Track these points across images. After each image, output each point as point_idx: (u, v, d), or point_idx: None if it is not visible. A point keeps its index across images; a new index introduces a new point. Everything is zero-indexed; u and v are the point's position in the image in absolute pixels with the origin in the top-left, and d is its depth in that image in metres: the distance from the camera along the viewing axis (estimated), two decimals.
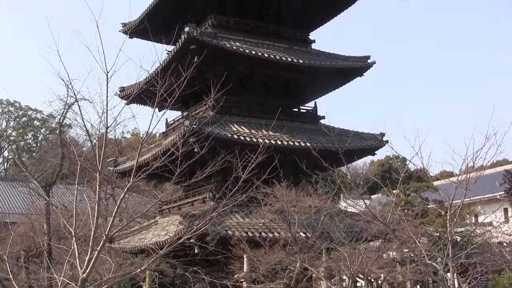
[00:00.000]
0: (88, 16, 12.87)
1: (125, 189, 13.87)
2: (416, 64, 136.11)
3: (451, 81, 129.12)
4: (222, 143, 24.09)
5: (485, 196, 36.89)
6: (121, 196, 14.01)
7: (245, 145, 23.89)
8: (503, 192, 39.87)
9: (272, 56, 29.12)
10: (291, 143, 27.83)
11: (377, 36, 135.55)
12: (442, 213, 23.55)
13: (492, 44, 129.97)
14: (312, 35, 34.14)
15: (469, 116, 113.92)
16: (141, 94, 15.74)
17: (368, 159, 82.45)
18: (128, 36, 28.24)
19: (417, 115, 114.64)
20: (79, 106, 15.01)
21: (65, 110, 31.57)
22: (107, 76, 13.18)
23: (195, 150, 16.55)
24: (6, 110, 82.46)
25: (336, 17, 34.64)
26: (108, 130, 14.06)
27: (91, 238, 11.68)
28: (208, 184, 27.13)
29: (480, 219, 31.21)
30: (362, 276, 22.01)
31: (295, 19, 33.41)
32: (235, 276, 23.09)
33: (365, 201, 18.83)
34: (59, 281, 12.06)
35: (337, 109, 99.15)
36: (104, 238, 12.09)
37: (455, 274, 18.81)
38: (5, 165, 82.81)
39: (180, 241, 13.54)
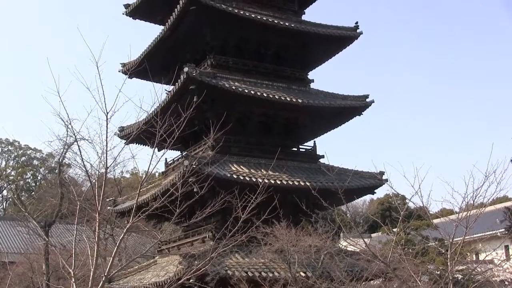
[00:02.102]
0: (88, 56, 13.06)
1: (125, 230, 13.87)
2: (412, 99, 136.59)
3: (448, 117, 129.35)
4: (222, 183, 24.05)
5: (485, 233, 36.63)
6: (121, 237, 14.02)
7: (245, 185, 23.87)
8: (503, 230, 39.66)
9: (271, 96, 29.28)
10: (291, 183, 27.79)
11: (373, 73, 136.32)
12: (443, 251, 23.44)
13: (491, 79, 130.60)
14: (311, 74, 34.45)
15: (469, 153, 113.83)
16: (140, 135, 15.81)
17: (368, 197, 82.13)
18: (128, 76, 28.46)
19: (416, 152, 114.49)
20: (78, 146, 15.06)
21: (65, 150, 31.59)
22: (107, 117, 13.32)
23: (195, 190, 16.57)
24: (6, 149, 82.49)
25: (333, 57, 34.99)
26: (108, 170, 14.15)
27: (90, 278, 11.66)
28: (208, 224, 27.04)
29: (481, 257, 31.04)
30: None
31: (294, 59, 33.70)
32: None
33: (365, 240, 18.83)
34: None
35: (336, 145, 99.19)
36: (103, 278, 12.07)
37: None
38: (4, 204, 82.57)
39: (180, 281, 13.54)
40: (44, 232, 30.28)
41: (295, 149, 33.02)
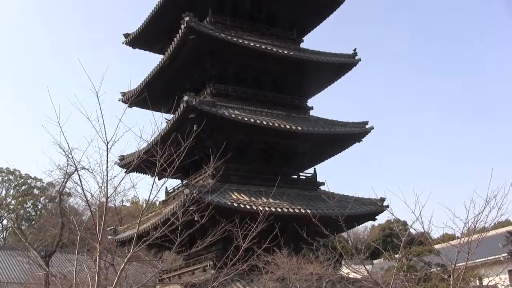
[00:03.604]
0: (88, 86, 13.13)
1: (126, 259, 13.84)
2: (411, 124, 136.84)
3: (446, 143, 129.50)
4: (222, 212, 24.00)
5: (488, 258, 36.48)
6: (122, 266, 13.98)
7: (246, 213, 23.85)
8: (506, 254, 39.49)
9: (270, 124, 29.37)
10: (291, 211, 27.75)
11: (370, 98, 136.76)
12: (446, 277, 23.33)
13: (490, 106, 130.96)
14: (310, 102, 34.62)
15: (469, 178, 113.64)
16: (141, 164, 15.83)
17: (369, 223, 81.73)
18: (128, 105, 28.52)
19: (416, 177, 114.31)
20: (79, 176, 15.07)
21: (65, 180, 31.64)
22: (107, 146, 13.35)
23: (195, 219, 16.56)
24: (6, 178, 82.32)
25: (333, 84, 35.20)
26: (108, 200, 14.16)
27: None
28: (209, 253, 26.93)
29: (485, 282, 30.89)
30: None
31: (293, 87, 33.88)
32: None
33: (367, 266, 18.79)
34: None
35: (336, 172, 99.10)
36: None
37: None
38: (4, 233, 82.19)
39: None
40: (45, 262, 30.19)
41: (295, 176, 33.05)
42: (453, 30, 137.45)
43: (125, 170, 20.30)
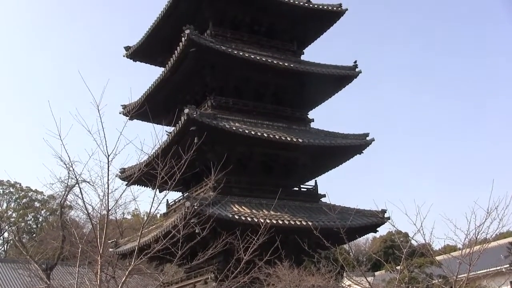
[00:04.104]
0: (89, 99, 13.15)
1: (127, 272, 13.83)
2: (412, 137, 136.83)
3: (447, 155, 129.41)
4: (224, 224, 23.99)
5: (490, 269, 36.40)
6: (123, 279, 13.95)
7: (247, 225, 23.83)
8: (508, 265, 39.42)
9: (271, 136, 29.40)
10: (293, 223, 27.73)
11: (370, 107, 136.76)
12: None
13: (492, 114, 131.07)
14: (311, 114, 34.69)
15: (470, 190, 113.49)
16: (141, 176, 15.84)
17: (370, 235, 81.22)
18: (129, 118, 28.57)
19: (417, 189, 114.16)
20: (80, 189, 15.06)
21: (66, 193, 31.57)
22: (108, 159, 13.35)
23: (196, 231, 16.56)
24: (7, 191, 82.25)
25: (333, 96, 35.29)
26: (109, 212, 14.16)
27: None
28: (210, 265, 26.90)
29: None
30: None
31: (293, 99, 33.96)
32: None
33: (369, 278, 18.74)
34: None
35: (337, 184, 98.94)
36: None
37: None
38: (5, 246, 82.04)
39: None
40: (46, 275, 30.09)
41: (296, 188, 33.05)
42: (455, 38, 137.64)
43: (126, 182, 20.34)
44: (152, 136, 14.83)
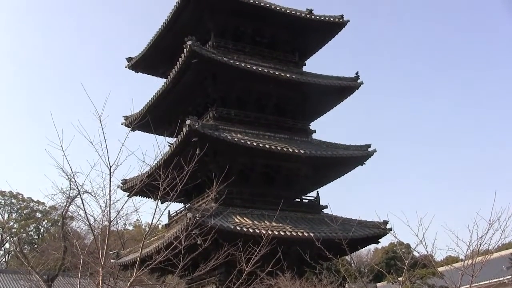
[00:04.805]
0: (91, 110, 13.16)
1: (128, 283, 13.81)
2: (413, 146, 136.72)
3: (449, 166, 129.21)
4: (225, 235, 23.93)
5: (492, 280, 36.30)
6: None
7: (248, 237, 23.75)
8: (510, 276, 39.32)
9: (273, 147, 29.41)
10: (294, 234, 27.70)
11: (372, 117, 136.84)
12: None
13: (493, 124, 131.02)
14: (312, 125, 34.70)
15: (472, 201, 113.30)
16: (143, 187, 15.84)
17: (372, 246, 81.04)
18: (131, 129, 28.58)
19: (419, 200, 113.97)
20: (81, 200, 15.02)
21: (68, 204, 31.52)
22: (110, 170, 13.35)
23: (198, 243, 16.52)
24: (9, 202, 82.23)
25: (335, 107, 35.33)
26: (111, 223, 14.14)
27: None
28: (212, 277, 26.83)
29: None
30: None
31: (295, 110, 34.01)
32: None
33: None
34: None
35: (339, 195, 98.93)
36: None
37: None
38: (7, 257, 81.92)
39: None
40: (47, 286, 29.99)
41: (298, 200, 33.02)
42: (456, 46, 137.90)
43: (128, 193, 20.28)
44: (154, 147, 14.81)
